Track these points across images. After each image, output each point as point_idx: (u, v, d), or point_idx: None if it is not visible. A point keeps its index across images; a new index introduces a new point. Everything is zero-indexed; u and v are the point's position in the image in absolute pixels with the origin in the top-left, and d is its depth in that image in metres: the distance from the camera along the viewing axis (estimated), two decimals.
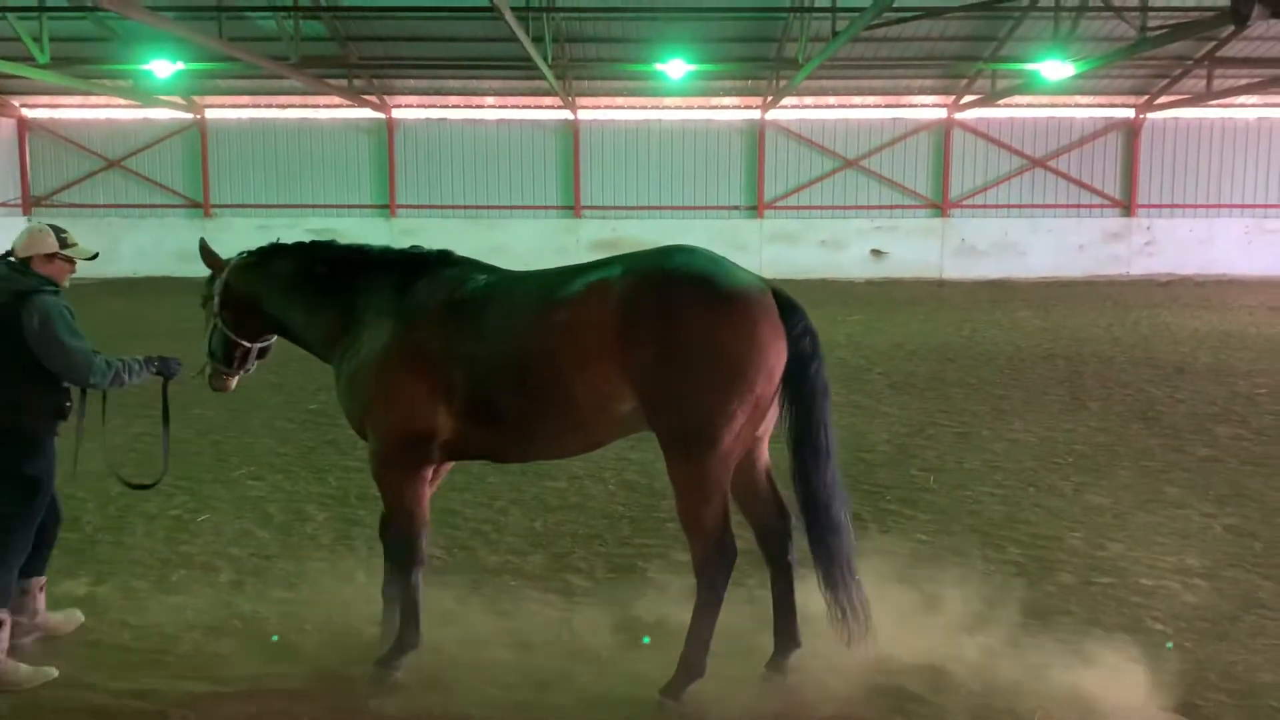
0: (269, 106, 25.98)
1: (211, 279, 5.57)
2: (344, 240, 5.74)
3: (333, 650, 5.19)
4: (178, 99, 25.17)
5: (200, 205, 26.31)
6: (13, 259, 5.05)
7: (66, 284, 5.23)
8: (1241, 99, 24.44)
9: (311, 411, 10.76)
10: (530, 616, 5.57)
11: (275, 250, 5.48)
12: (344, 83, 23.90)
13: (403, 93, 25.68)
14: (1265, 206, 26.06)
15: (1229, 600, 5.80)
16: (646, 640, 5.21)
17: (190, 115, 25.91)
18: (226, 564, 6.42)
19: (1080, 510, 7.43)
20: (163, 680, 4.90)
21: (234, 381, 5.79)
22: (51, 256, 5.10)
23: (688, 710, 4.56)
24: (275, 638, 5.33)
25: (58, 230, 5.17)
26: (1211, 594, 5.89)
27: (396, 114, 25.91)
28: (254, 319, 5.46)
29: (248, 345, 5.57)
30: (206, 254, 5.62)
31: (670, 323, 4.36)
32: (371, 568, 6.24)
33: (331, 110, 25.87)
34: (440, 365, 4.70)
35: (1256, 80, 22.02)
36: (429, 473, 5.00)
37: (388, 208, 26.13)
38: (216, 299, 5.50)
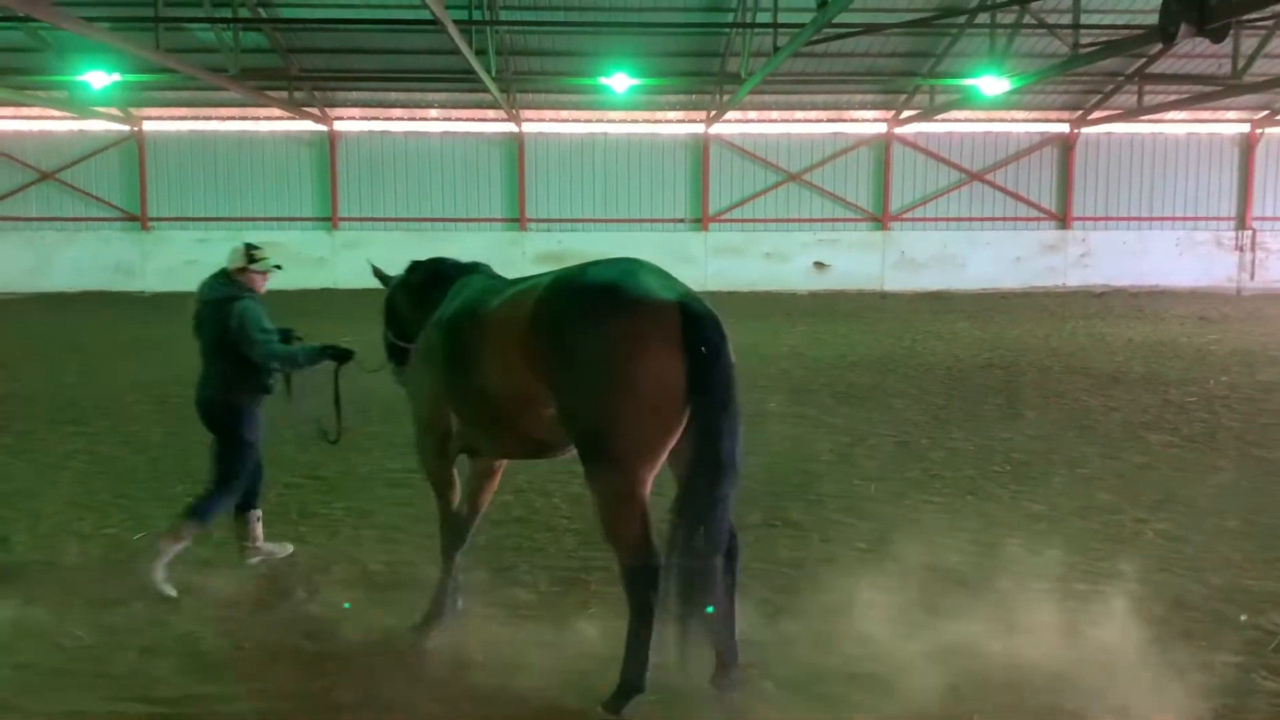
0: (208, 119, 25.65)
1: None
2: (288, 250, 5.88)
3: (271, 668, 5.12)
4: (114, 110, 24.76)
5: (137, 218, 25.88)
6: (225, 272, 6.45)
7: (263, 290, 6.62)
8: (1171, 114, 25.08)
9: None
10: (473, 631, 5.54)
11: (411, 266, 6.43)
12: (285, 95, 23.67)
13: (345, 105, 25.49)
14: (1194, 219, 26.75)
15: (1160, 603, 5.93)
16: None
17: (127, 127, 25.49)
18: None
19: (1018, 517, 7.56)
20: (96, 702, 4.80)
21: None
22: (244, 269, 6.44)
23: None
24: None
25: (250, 247, 6.54)
26: (1143, 598, 6.02)
27: (338, 126, 25.72)
28: (403, 326, 6.24)
29: (405, 346, 6.17)
30: (378, 275, 6.88)
31: (565, 330, 4.47)
32: (312, 584, 6.19)
33: (272, 122, 25.60)
34: (440, 366, 5.24)
35: (1185, 96, 22.63)
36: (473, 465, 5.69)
37: (330, 220, 25.91)
38: (384, 311, 6.53)
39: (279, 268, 6.68)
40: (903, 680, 4.95)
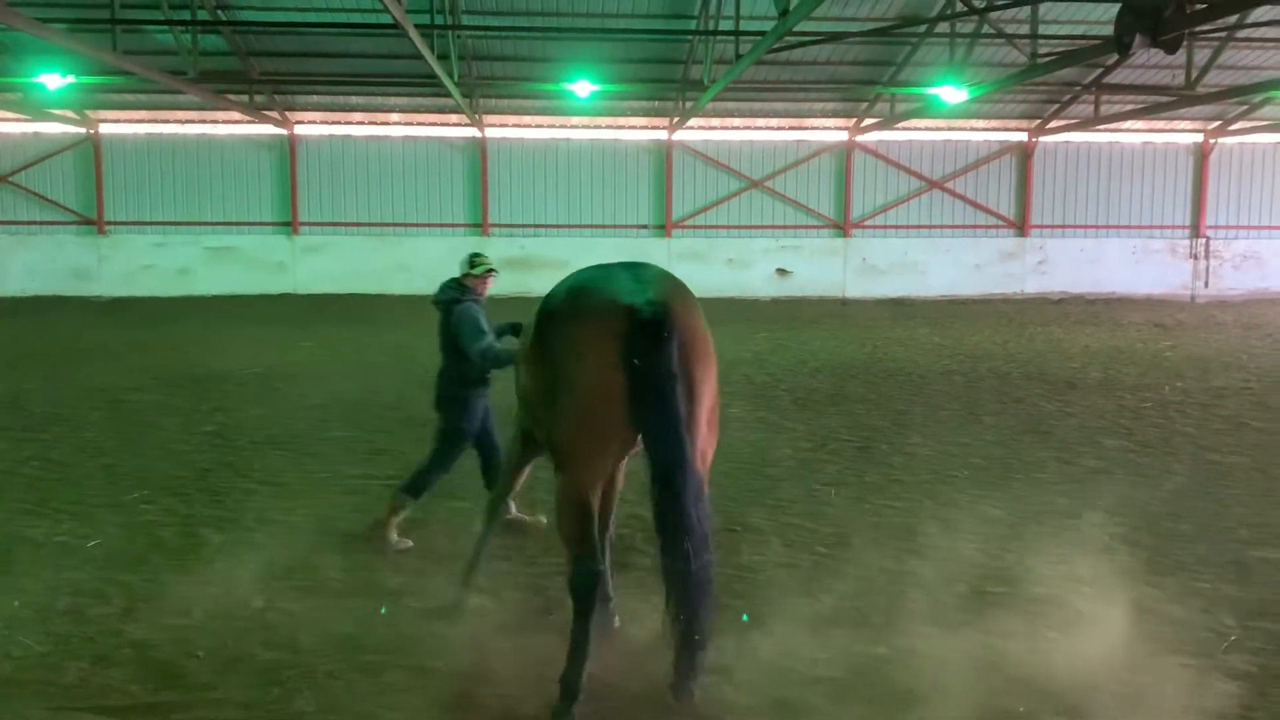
0: (166, 121, 25.32)
1: None
2: (247, 255, 5.78)
3: (227, 677, 5.06)
4: (69, 113, 24.39)
5: (94, 222, 25.50)
6: (456, 277, 7.29)
7: (485, 293, 7.33)
8: (1127, 124, 25.41)
9: (208, 434, 10.49)
10: (430, 638, 5.50)
11: None
12: (245, 98, 23.43)
13: (305, 109, 25.27)
14: (1150, 227, 27.13)
15: (1115, 606, 6.00)
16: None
17: (83, 130, 25.13)
18: (117, 591, 6.21)
19: (976, 521, 7.62)
20: (45, 712, 4.72)
21: None
22: (468, 274, 7.25)
23: None
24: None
25: (472, 255, 7.43)
26: (1098, 601, 6.09)
27: (299, 130, 25.50)
28: None
29: None
30: None
31: (539, 330, 4.85)
32: (270, 591, 6.12)
33: (231, 126, 25.33)
34: None
35: (1140, 106, 22.95)
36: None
37: (290, 225, 25.67)
38: None
39: (494, 271, 7.32)
40: (862, 684, 4.98)
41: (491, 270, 7.30)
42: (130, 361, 15.09)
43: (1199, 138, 26.89)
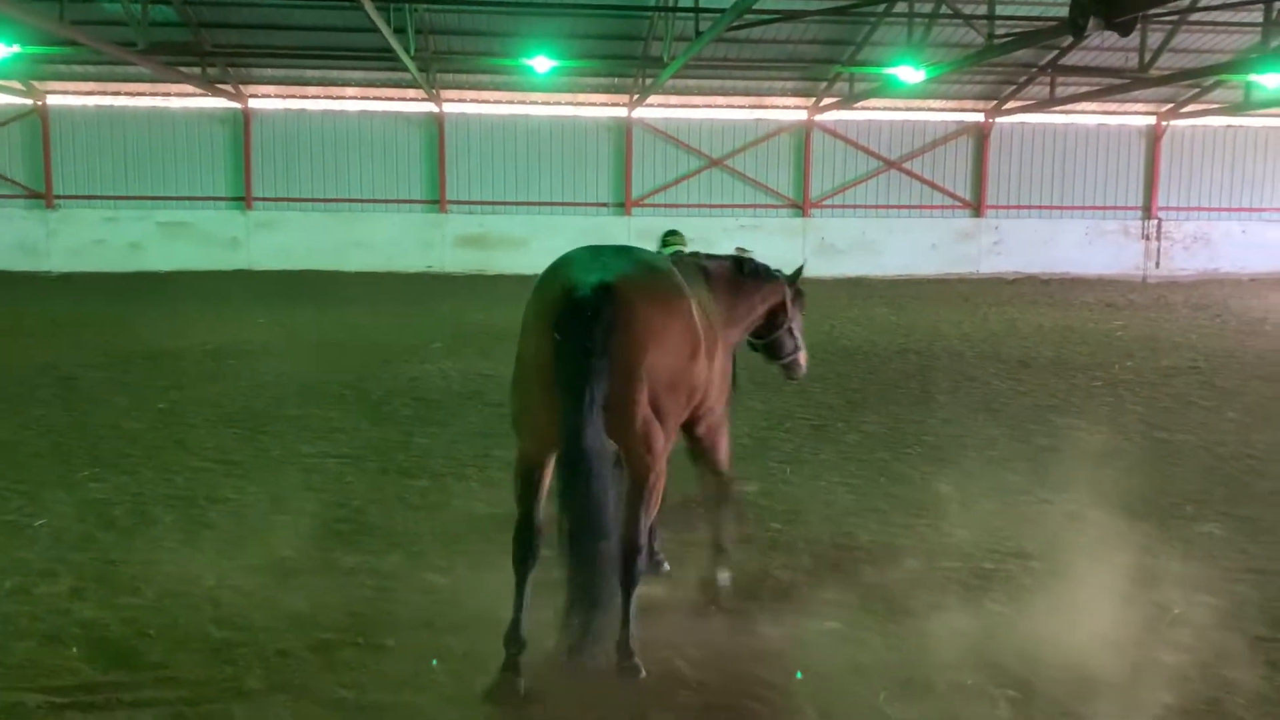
0: (117, 94, 24.83)
1: None
2: (200, 230, 5.67)
3: (177, 655, 5.02)
4: (15, 84, 23.85)
5: (42, 196, 25.00)
6: None
7: None
8: (1081, 105, 25.66)
9: (160, 411, 10.37)
10: (386, 616, 5.49)
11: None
12: (197, 71, 23.03)
13: (259, 82, 24.90)
14: (1103, 208, 27.49)
15: (1063, 581, 6.11)
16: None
17: (30, 101, 24.60)
18: (66, 570, 6.13)
19: (928, 498, 7.71)
20: None
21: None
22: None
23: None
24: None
25: (666, 233, 7.68)
26: (1046, 575, 6.20)
27: (253, 104, 25.12)
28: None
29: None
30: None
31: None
32: (222, 570, 6.08)
33: (184, 99, 24.90)
34: None
35: (1095, 88, 23.19)
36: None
37: (243, 200, 25.33)
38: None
39: (681, 250, 6.82)
40: (814, 659, 5.03)
41: (679, 251, 6.85)
42: (80, 338, 14.86)
43: (1152, 120, 27.24)
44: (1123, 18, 11.90)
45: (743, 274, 6.24)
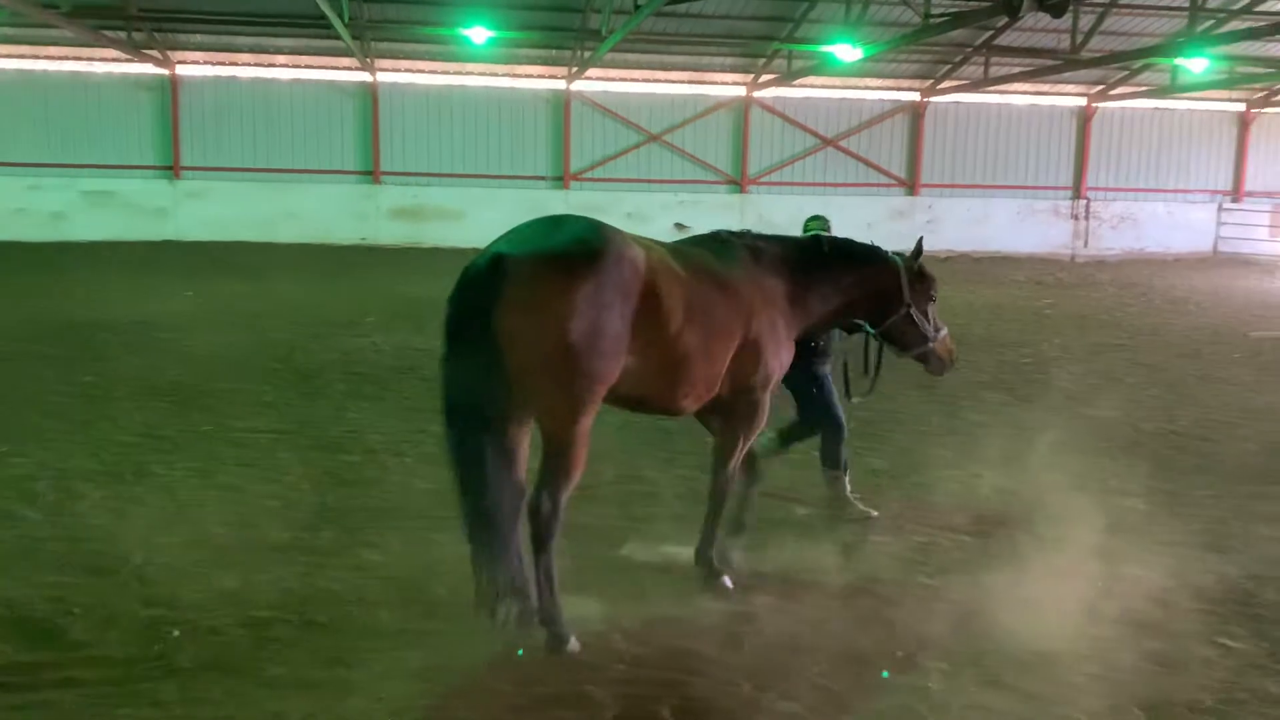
0: (37, 58, 24.04)
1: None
2: (126, 200, 5.47)
3: (105, 634, 4.92)
4: None
5: None
6: None
7: None
8: (1015, 86, 26.04)
9: (85, 385, 10.11)
10: (320, 593, 5.43)
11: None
12: (123, 35, 22.39)
13: (188, 48, 24.26)
14: (1034, 188, 27.96)
15: (993, 554, 6.23)
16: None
17: None
18: None
19: (860, 474, 7.78)
20: None
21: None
22: None
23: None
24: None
25: (809, 219, 7.66)
26: (975, 549, 6.32)
27: (181, 71, 24.49)
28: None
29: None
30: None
31: None
32: (150, 546, 5.96)
33: (109, 65, 24.18)
34: None
35: (1028, 69, 23.54)
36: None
37: (171, 169, 24.73)
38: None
39: (817, 236, 6.22)
40: (752, 632, 5.08)
41: (817, 235, 6.41)
42: (1, 310, 14.42)
43: (1082, 102, 27.73)
44: (1055, 0, 12.06)
45: (822, 255, 5.77)
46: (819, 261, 5.74)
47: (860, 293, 5.88)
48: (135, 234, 23.84)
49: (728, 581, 5.62)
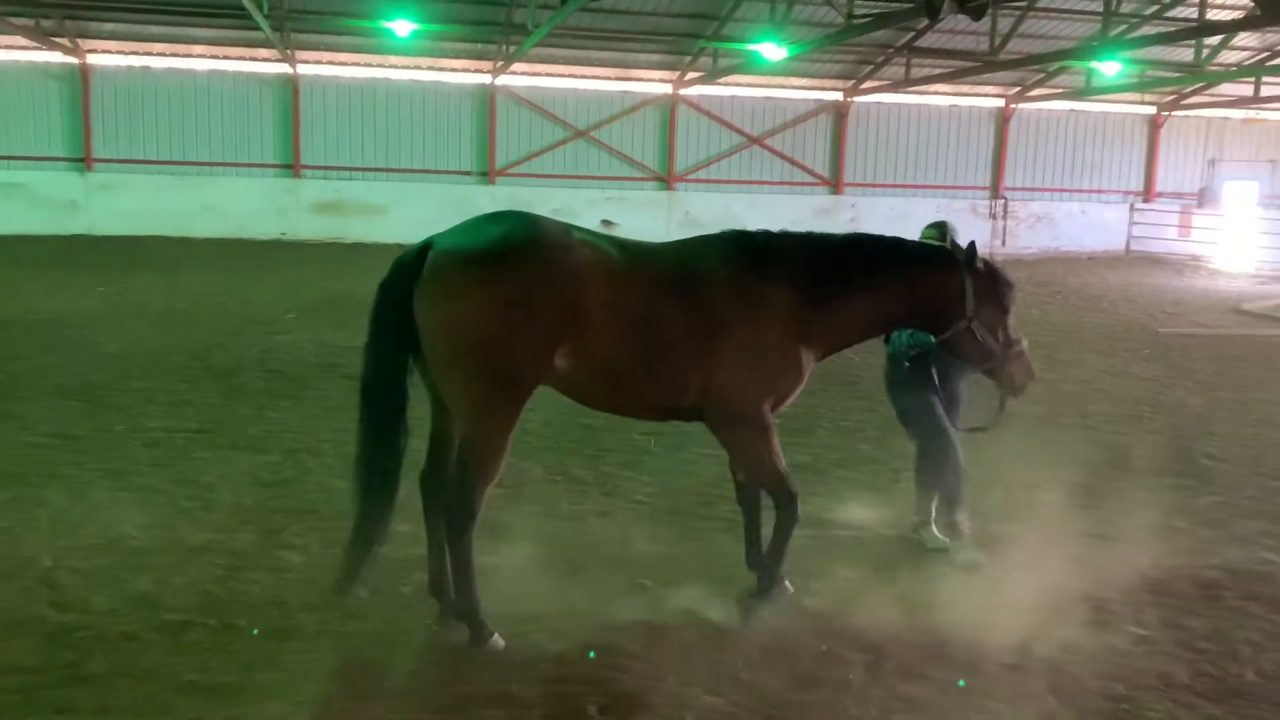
0: None
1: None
2: (35, 192, 5.32)
3: (11, 641, 4.75)
4: None
5: None
6: None
7: None
8: (935, 87, 26.49)
9: None
10: (238, 596, 5.31)
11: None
12: (30, 22, 21.67)
13: (99, 36, 23.55)
14: (954, 187, 28.50)
15: (911, 548, 6.33)
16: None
17: None
18: None
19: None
20: None
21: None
22: None
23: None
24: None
25: (926, 226, 6.70)
26: (894, 542, 6.41)
27: (92, 60, 23.79)
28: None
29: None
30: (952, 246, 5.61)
31: None
32: (59, 550, 5.78)
33: (16, 53, 23.38)
34: None
35: (948, 70, 23.97)
36: None
37: (83, 161, 24.02)
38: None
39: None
40: (674, 627, 5.09)
41: (931, 238, 5.98)
42: None
43: (1000, 103, 28.30)
44: (975, 2, 12.29)
45: (847, 258, 5.20)
46: (843, 266, 5.15)
47: (905, 303, 5.28)
48: (45, 228, 23.10)
49: (770, 605, 5.23)
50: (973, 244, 5.34)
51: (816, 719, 4.41)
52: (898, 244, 5.31)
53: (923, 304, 5.27)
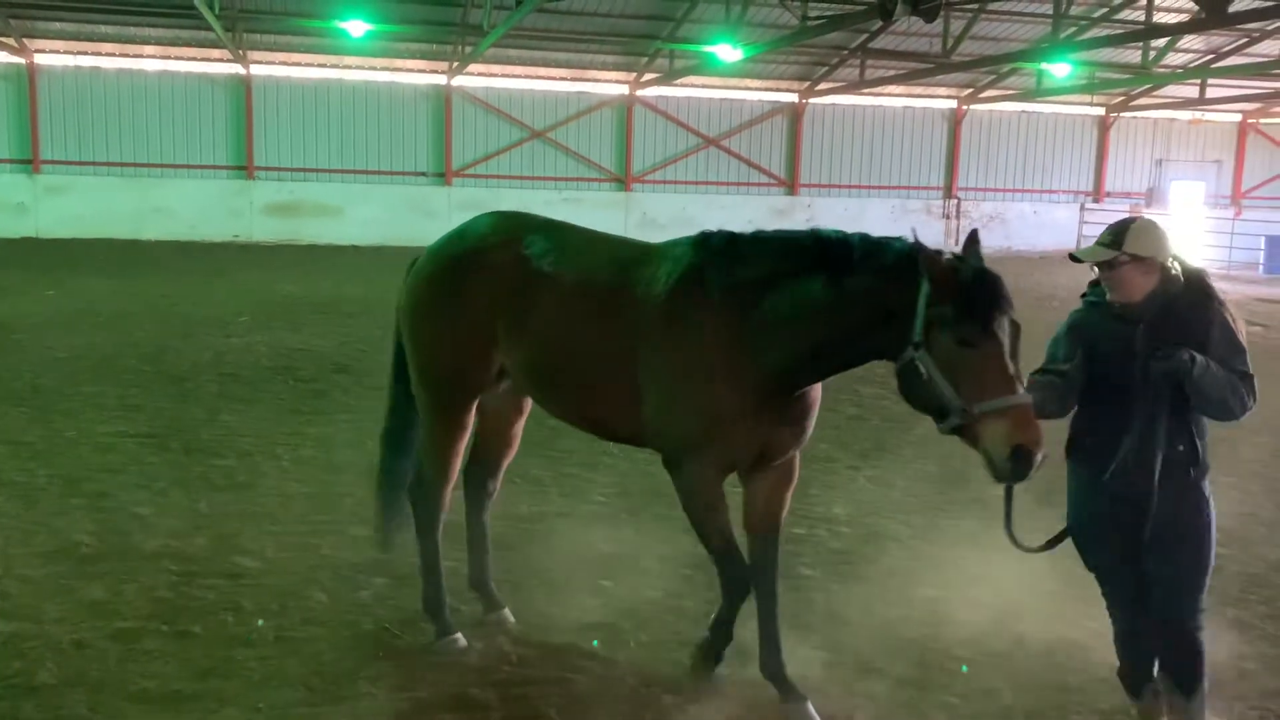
0: None
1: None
2: None
3: None
4: None
5: None
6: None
7: (1121, 295, 3.98)
8: (889, 88, 26.72)
9: None
10: (192, 602, 5.25)
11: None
12: None
13: (46, 36, 23.17)
14: (908, 188, 28.77)
15: (869, 544, 6.39)
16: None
17: None
18: None
19: None
20: None
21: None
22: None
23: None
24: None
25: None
26: (853, 539, 6.47)
27: (39, 59, 23.38)
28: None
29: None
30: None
31: None
32: (8, 558, 5.68)
33: None
34: None
35: (902, 72, 24.20)
36: None
37: (30, 163, 23.60)
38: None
39: (1111, 259, 3.94)
40: (632, 627, 5.10)
41: (1106, 259, 3.97)
42: None
43: (953, 104, 28.62)
44: (927, 4, 12.43)
45: (773, 262, 4.12)
46: (765, 274, 4.07)
47: (838, 325, 3.97)
48: None
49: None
50: (973, 233, 4.20)
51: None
52: (847, 240, 4.04)
53: (860, 327, 3.94)
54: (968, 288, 3.78)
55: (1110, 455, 3.90)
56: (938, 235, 28.56)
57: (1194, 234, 26.89)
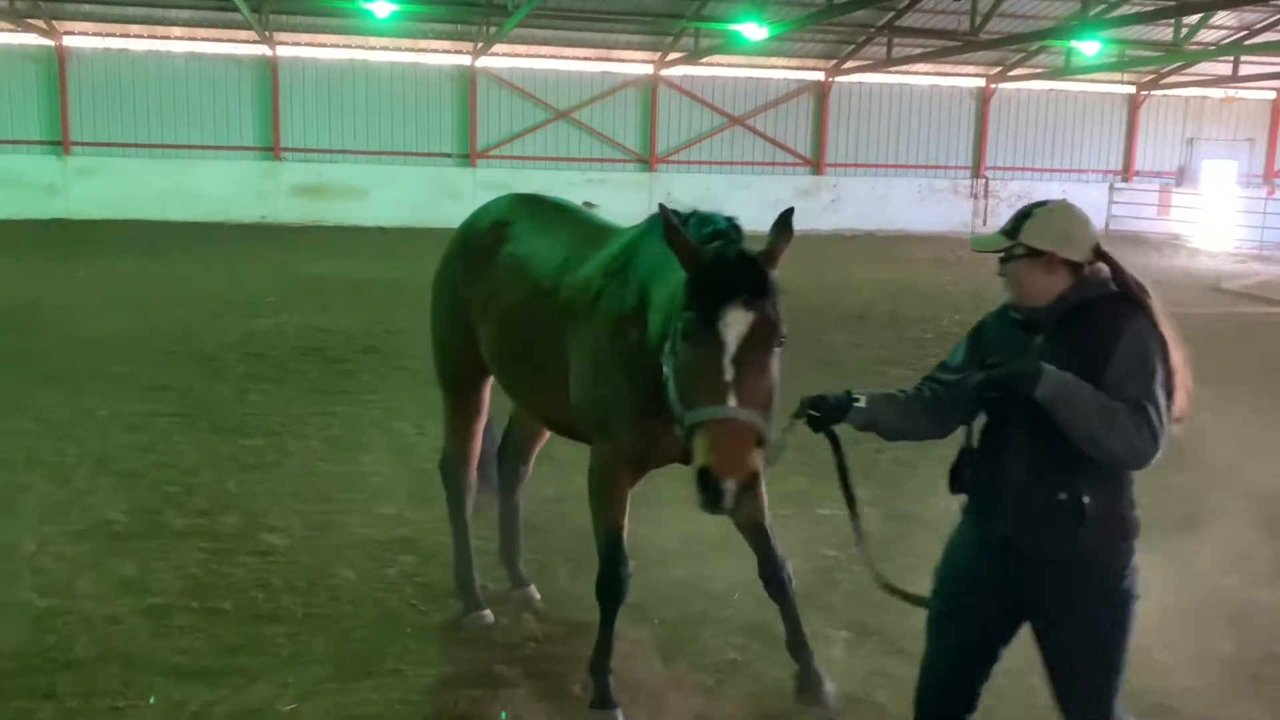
0: None
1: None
2: (12, 176, 5.22)
3: None
4: None
5: None
6: None
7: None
8: (916, 66, 26.51)
9: None
10: (221, 580, 5.33)
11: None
12: (4, 4, 21.43)
13: (75, 18, 23.33)
14: (935, 167, 28.54)
15: (895, 523, 6.38)
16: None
17: None
18: None
19: None
20: None
21: None
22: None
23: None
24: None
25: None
26: (876, 520, 6.46)
27: (69, 42, 23.55)
28: None
29: None
30: None
31: None
32: (43, 535, 5.78)
33: None
34: None
35: (929, 50, 23.98)
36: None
37: (61, 144, 23.81)
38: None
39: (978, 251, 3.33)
40: (658, 607, 5.14)
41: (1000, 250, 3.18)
42: None
43: (981, 82, 28.34)
44: None
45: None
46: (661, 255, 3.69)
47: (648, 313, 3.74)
48: (22, 212, 22.90)
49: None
50: (785, 213, 3.61)
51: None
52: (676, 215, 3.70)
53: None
54: (702, 269, 3.28)
55: (985, 496, 3.16)
56: (965, 215, 28.38)
57: (1226, 214, 26.57)
